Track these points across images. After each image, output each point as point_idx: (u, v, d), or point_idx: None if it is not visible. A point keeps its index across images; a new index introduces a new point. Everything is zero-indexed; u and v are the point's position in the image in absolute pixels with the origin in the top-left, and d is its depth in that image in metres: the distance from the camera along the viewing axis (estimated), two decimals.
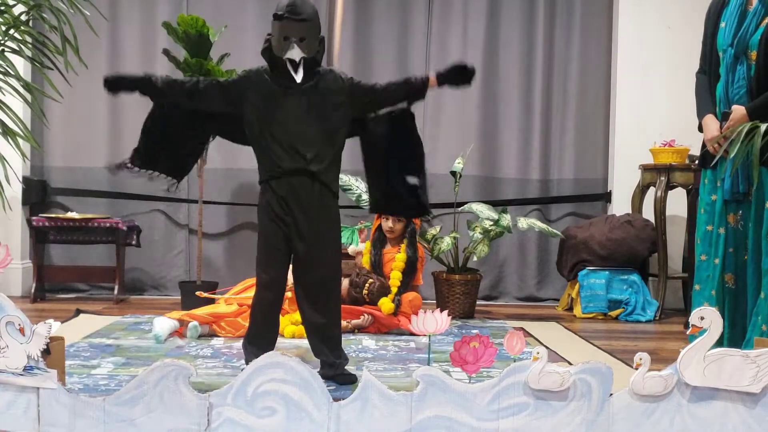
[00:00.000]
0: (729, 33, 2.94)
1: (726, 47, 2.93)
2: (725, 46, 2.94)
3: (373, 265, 4.06)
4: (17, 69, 2.83)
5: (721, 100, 2.97)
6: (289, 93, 2.66)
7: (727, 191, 2.93)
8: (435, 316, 1.88)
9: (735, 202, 2.95)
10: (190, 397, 1.81)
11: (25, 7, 2.78)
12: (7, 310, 1.87)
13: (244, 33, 5.06)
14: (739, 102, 2.90)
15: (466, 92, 5.23)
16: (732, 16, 2.94)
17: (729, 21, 2.95)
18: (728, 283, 2.96)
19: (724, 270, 2.96)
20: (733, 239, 2.95)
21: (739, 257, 2.94)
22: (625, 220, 4.78)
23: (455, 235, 4.44)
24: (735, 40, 2.91)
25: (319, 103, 2.67)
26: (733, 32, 2.93)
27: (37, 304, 4.61)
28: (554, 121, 5.28)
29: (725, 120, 2.91)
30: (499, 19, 5.22)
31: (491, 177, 5.25)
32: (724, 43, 2.95)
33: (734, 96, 2.92)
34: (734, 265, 2.95)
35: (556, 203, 5.30)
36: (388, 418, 1.80)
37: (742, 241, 2.93)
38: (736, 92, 2.92)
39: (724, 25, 2.96)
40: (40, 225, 4.66)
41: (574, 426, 1.82)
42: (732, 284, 2.96)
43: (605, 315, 4.63)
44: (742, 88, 2.90)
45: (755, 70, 2.86)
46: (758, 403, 1.83)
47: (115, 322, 3.98)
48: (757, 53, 2.85)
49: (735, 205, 2.95)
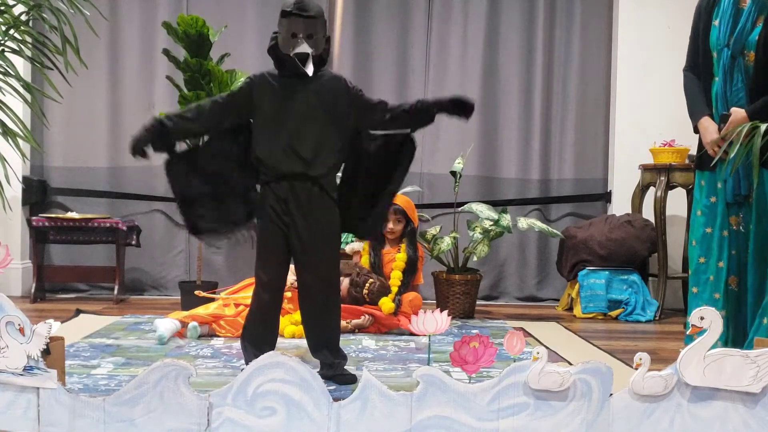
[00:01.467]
0: (724, 32, 2.90)
1: (722, 47, 2.91)
2: (721, 46, 2.91)
3: (372, 265, 4.06)
4: (17, 69, 2.83)
5: (719, 102, 2.95)
6: (294, 93, 2.65)
7: (729, 193, 2.92)
8: (435, 316, 1.88)
9: (736, 204, 2.94)
10: (190, 397, 1.81)
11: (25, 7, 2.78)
12: (7, 310, 1.87)
13: (244, 33, 5.06)
14: (738, 103, 2.88)
15: (466, 92, 5.21)
16: (726, 15, 2.90)
17: (723, 20, 2.91)
18: (731, 285, 2.96)
19: (728, 273, 2.95)
20: (735, 241, 2.95)
21: (741, 259, 2.93)
22: (625, 220, 4.78)
23: (455, 235, 4.44)
24: (731, 40, 2.88)
25: (323, 105, 2.67)
26: (728, 32, 2.89)
27: (37, 304, 4.61)
28: (554, 121, 5.28)
29: (723, 122, 2.88)
30: (499, 19, 5.22)
31: (491, 177, 5.26)
32: (719, 43, 2.92)
33: (733, 97, 2.89)
34: (737, 267, 2.95)
35: (556, 203, 5.30)
36: (388, 418, 1.80)
37: (743, 244, 2.92)
38: (735, 93, 2.90)
39: (718, 24, 2.93)
40: (40, 225, 4.66)
41: (574, 426, 1.82)
42: (735, 287, 2.95)
43: (605, 315, 4.63)
44: (741, 90, 2.88)
45: (754, 70, 2.84)
46: (758, 403, 1.83)
47: (115, 322, 3.98)
48: (755, 54, 2.83)
49: (736, 207, 2.94)
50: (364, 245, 4.23)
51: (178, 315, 3.63)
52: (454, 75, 5.20)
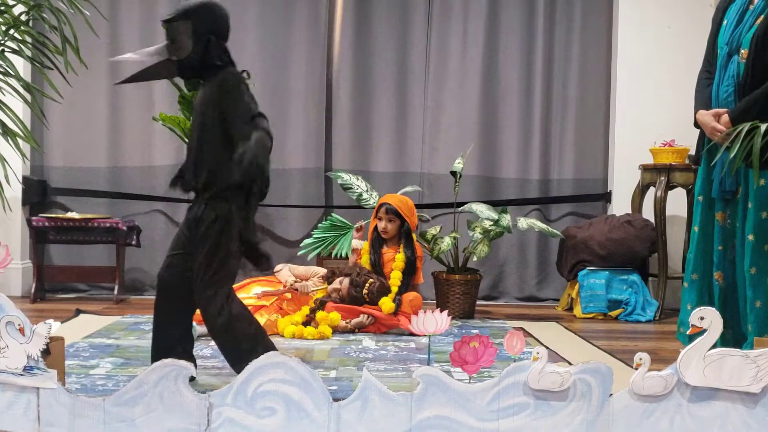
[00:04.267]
0: (728, 31, 2.91)
1: (723, 45, 2.91)
2: (723, 44, 2.92)
3: (373, 265, 4.07)
4: (17, 69, 2.83)
5: (713, 100, 2.94)
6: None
7: (716, 189, 2.92)
8: (435, 316, 1.88)
9: (724, 200, 2.94)
10: (190, 397, 1.81)
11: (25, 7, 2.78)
12: (7, 310, 1.87)
13: (244, 33, 5.05)
14: (726, 101, 2.86)
15: (466, 92, 5.25)
16: (734, 14, 2.90)
17: (730, 19, 2.91)
18: (717, 280, 2.96)
19: (713, 268, 2.97)
20: (721, 237, 2.95)
21: (728, 255, 2.94)
22: (625, 220, 4.78)
23: (455, 235, 4.44)
24: (731, 38, 2.88)
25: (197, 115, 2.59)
26: (731, 30, 2.90)
27: (37, 304, 4.61)
28: (554, 121, 5.28)
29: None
30: (499, 19, 5.22)
31: (491, 177, 5.25)
32: (722, 41, 2.92)
33: (722, 95, 2.88)
34: (722, 263, 2.96)
35: (556, 203, 5.30)
36: (388, 418, 1.80)
37: (730, 240, 2.93)
38: (724, 90, 2.87)
39: (726, 23, 2.93)
40: (40, 225, 4.66)
41: (574, 426, 1.82)
42: (721, 282, 2.96)
43: (605, 315, 4.63)
44: (730, 87, 2.86)
45: (744, 68, 2.82)
46: (758, 403, 1.83)
47: (115, 322, 3.98)
48: (747, 51, 2.81)
49: (723, 204, 2.95)
50: (364, 245, 4.23)
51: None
52: (454, 75, 5.20)
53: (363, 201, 4.50)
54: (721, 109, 2.85)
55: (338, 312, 3.80)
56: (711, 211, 2.99)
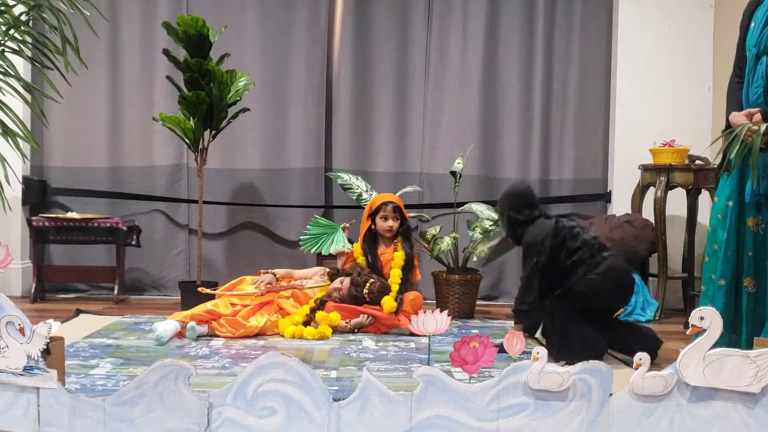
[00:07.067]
0: (755, 33, 2.89)
1: (751, 47, 2.90)
2: (751, 47, 2.90)
3: (371, 267, 4.05)
4: (17, 69, 2.83)
5: (744, 101, 2.92)
6: None
7: (749, 193, 2.89)
8: (435, 316, 1.88)
9: (756, 205, 2.91)
10: (190, 397, 1.81)
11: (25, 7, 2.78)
12: (7, 310, 1.87)
13: (244, 33, 5.06)
14: (756, 102, 2.84)
15: (466, 92, 5.25)
16: (761, 17, 2.88)
17: (758, 21, 2.89)
18: (747, 287, 2.94)
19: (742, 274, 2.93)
20: (753, 243, 2.92)
21: (759, 261, 2.91)
22: (625, 220, 4.78)
23: (455, 235, 4.44)
24: (759, 40, 2.87)
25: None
26: (758, 32, 2.89)
27: (37, 304, 4.61)
28: (554, 121, 5.28)
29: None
30: (499, 19, 5.22)
31: (491, 177, 5.25)
32: (751, 44, 2.91)
33: (753, 95, 2.86)
34: (754, 269, 2.93)
35: (556, 203, 5.30)
36: (388, 418, 1.80)
37: (762, 245, 2.90)
38: (754, 92, 2.86)
39: (754, 26, 2.91)
40: (40, 225, 4.66)
41: (574, 426, 1.82)
42: (752, 288, 2.93)
43: None
44: (759, 87, 2.84)
45: None
46: (758, 403, 1.83)
47: (115, 322, 3.98)
48: None
49: (756, 209, 2.92)
50: (354, 246, 4.18)
51: (178, 315, 3.63)
52: (454, 75, 5.20)
53: (363, 201, 4.49)
54: (753, 109, 2.84)
55: (338, 312, 3.80)
56: (742, 216, 2.95)
